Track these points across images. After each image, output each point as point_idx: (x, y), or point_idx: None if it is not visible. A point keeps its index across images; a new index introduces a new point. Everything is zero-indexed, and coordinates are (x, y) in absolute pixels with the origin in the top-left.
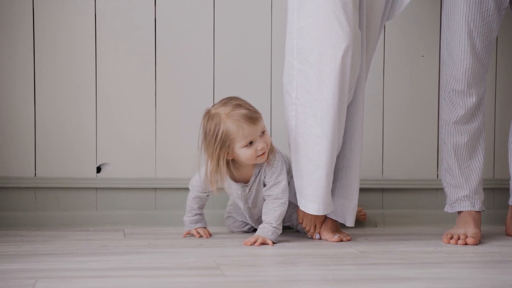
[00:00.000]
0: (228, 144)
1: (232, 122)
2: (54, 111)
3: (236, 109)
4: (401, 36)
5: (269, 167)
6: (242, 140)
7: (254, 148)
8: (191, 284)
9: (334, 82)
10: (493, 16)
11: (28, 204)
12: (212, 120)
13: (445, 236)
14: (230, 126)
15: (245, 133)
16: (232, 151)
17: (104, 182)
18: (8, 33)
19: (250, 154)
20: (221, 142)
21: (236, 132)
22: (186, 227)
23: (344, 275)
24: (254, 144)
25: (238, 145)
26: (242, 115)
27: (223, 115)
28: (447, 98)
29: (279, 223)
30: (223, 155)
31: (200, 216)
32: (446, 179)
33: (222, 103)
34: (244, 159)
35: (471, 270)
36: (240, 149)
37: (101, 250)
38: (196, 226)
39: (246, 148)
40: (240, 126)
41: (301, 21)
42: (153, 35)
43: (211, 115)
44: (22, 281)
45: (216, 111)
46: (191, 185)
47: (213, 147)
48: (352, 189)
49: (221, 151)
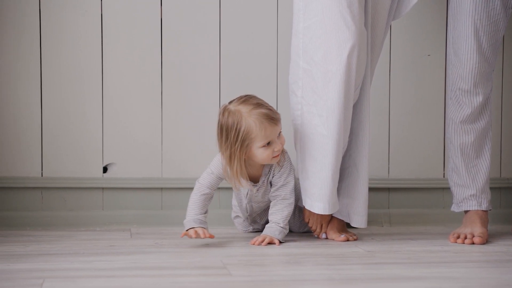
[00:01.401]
0: (247, 143)
1: (254, 120)
2: (60, 112)
3: (257, 108)
4: (407, 36)
5: (278, 167)
6: (262, 140)
7: (272, 149)
8: (197, 284)
9: (340, 81)
10: (499, 15)
11: (35, 204)
12: (231, 116)
13: (452, 235)
14: (252, 125)
15: (266, 133)
16: (250, 150)
17: (110, 182)
18: (15, 34)
19: (266, 154)
20: (240, 141)
21: (258, 131)
22: (186, 226)
23: (350, 274)
24: (271, 145)
25: (257, 145)
26: (264, 114)
27: (244, 113)
28: (454, 97)
29: (286, 223)
30: (239, 153)
31: (204, 217)
32: (453, 178)
33: (242, 101)
34: (260, 159)
35: (478, 270)
36: (258, 149)
37: (108, 250)
38: (197, 226)
39: (264, 149)
40: (263, 126)
41: (306, 20)
42: (159, 36)
43: (231, 111)
44: (29, 281)
45: (236, 108)
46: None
47: (230, 144)
48: (358, 189)
49: (241, 149)
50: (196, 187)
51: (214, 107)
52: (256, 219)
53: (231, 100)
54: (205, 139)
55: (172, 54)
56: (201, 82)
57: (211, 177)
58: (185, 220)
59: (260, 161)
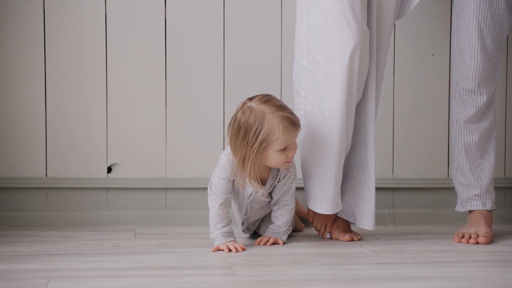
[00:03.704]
0: (265, 145)
1: (278, 123)
2: (64, 112)
3: (281, 110)
4: (411, 35)
5: (284, 172)
6: (281, 144)
7: (286, 155)
8: (203, 283)
9: (342, 81)
10: (503, 15)
11: (39, 205)
12: (254, 115)
13: (456, 235)
14: (275, 127)
15: (287, 138)
16: (265, 152)
17: (115, 182)
18: (19, 35)
19: (281, 159)
20: (260, 142)
21: (279, 134)
22: (217, 242)
23: (355, 274)
24: (287, 150)
25: (274, 148)
26: (288, 118)
27: (268, 113)
28: (458, 97)
29: (288, 225)
30: (255, 154)
31: (230, 228)
32: (457, 178)
33: (264, 100)
34: (272, 162)
35: (482, 269)
36: (274, 152)
37: (112, 250)
38: (228, 240)
39: (280, 153)
40: (286, 130)
41: (309, 20)
42: (164, 36)
43: (254, 109)
44: (34, 281)
45: (259, 107)
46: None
47: (248, 144)
48: (365, 190)
49: (258, 150)
50: (211, 197)
51: (218, 107)
52: (250, 226)
53: (250, 97)
54: (209, 139)
55: (176, 55)
56: (205, 82)
57: (222, 183)
58: (212, 235)
59: (271, 165)
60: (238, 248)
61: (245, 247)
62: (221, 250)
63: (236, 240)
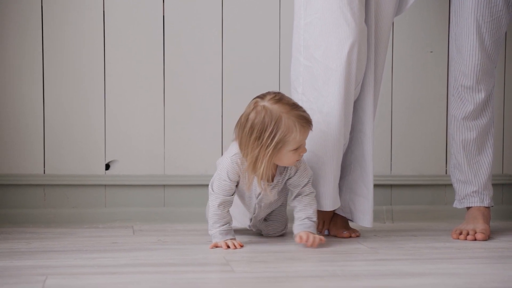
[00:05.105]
0: (281, 145)
1: (294, 123)
2: (62, 109)
3: (295, 110)
4: (409, 32)
5: (295, 168)
6: (296, 143)
7: (298, 153)
8: (201, 280)
9: (340, 78)
10: (501, 12)
11: (37, 202)
12: (269, 115)
13: (454, 232)
14: (292, 127)
15: (303, 137)
16: (280, 152)
17: (113, 179)
18: (17, 33)
19: (294, 158)
20: (276, 142)
21: (296, 134)
22: (215, 239)
23: (353, 270)
24: (299, 149)
25: (288, 148)
26: (303, 117)
27: (284, 113)
28: (456, 94)
29: (316, 217)
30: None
31: (229, 226)
32: (455, 174)
33: (276, 100)
34: (285, 162)
35: (480, 266)
36: (288, 152)
37: (110, 247)
38: (226, 238)
39: (293, 152)
40: (303, 129)
41: (307, 17)
42: (162, 33)
43: (269, 109)
44: (32, 278)
45: (273, 107)
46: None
47: (262, 144)
48: (362, 187)
49: (273, 151)
50: (211, 196)
51: (216, 105)
52: (257, 223)
53: (260, 95)
54: (208, 136)
55: (174, 51)
56: (203, 78)
57: (225, 184)
58: (211, 232)
59: (283, 164)
60: (236, 245)
61: (243, 244)
62: (219, 247)
63: (235, 238)
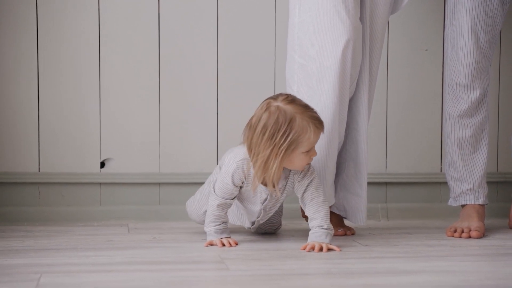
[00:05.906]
0: (294, 146)
1: (309, 124)
2: (57, 107)
3: (308, 111)
4: (405, 30)
5: (297, 172)
6: (309, 145)
7: (309, 156)
8: (196, 278)
9: (335, 76)
10: (496, 10)
11: (32, 200)
12: (283, 116)
13: (449, 229)
14: (306, 128)
15: (316, 138)
16: (292, 154)
17: (108, 177)
18: (12, 31)
19: (304, 161)
20: (288, 143)
21: (310, 135)
22: (210, 237)
23: (348, 268)
24: (310, 151)
25: (301, 150)
26: (317, 118)
27: (297, 114)
28: (451, 92)
29: (328, 223)
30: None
31: (225, 225)
32: (450, 172)
33: (289, 100)
34: (295, 164)
35: (475, 263)
36: (300, 154)
37: (105, 245)
38: (221, 236)
39: (305, 154)
40: (316, 130)
41: (302, 14)
42: (157, 31)
43: (282, 110)
44: (27, 276)
45: (287, 107)
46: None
47: (274, 145)
48: (356, 185)
49: (285, 152)
50: (211, 196)
51: (212, 103)
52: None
53: (272, 96)
54: (203, 134)
55: (169, 50)
56: (199, 77)
57: (228, 187)
58: (207, 229)
59: (293, 167)
60: (232, 243)
61: (238, 242)
62: (214, 245)
63: (230, 236)
